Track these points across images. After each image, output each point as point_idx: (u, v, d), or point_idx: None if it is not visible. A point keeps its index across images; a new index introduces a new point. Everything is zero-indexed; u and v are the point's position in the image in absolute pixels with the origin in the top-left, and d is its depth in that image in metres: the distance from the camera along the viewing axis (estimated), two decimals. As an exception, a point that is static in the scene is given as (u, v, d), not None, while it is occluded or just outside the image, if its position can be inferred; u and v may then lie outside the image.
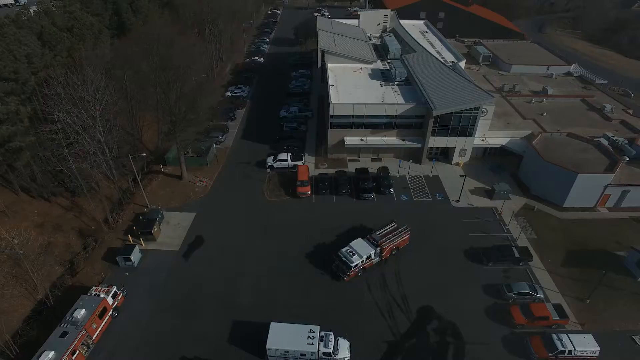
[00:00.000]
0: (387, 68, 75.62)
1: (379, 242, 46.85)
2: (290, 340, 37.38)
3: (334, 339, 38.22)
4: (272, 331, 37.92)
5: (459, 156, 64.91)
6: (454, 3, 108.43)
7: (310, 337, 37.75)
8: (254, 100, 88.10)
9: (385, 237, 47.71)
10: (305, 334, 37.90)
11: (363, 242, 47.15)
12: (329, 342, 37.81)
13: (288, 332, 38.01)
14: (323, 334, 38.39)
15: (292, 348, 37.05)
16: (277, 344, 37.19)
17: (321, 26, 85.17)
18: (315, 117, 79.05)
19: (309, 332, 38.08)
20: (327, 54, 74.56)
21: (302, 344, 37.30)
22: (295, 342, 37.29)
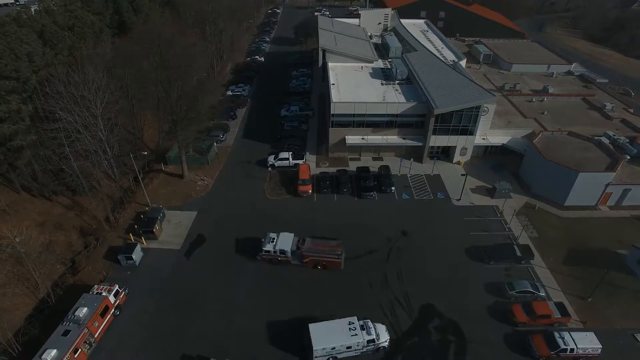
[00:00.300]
0: (388, 67, 75.62)
1: (302, 249, 46.76)
2: (334, 336, 37.53)
3: (373, 325, 38.78)
4: (313, 332, 37.79)
5: (460, 155, 64.93)
6: (455, 2, 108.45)
7: (351, 328, 38.12)
8: (254, 99, 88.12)
9: (313, 248, 46.62)
10: (346, 327, 38.23)
11: (289, 238, 47.66)
12: (370, 329, 38.29)
13: (329, 329, 38.08)
14: (362, 323, 38.80)
15: (339, 343, 37.21)
16: (323, 343, 37.09)
17: (322, 25, 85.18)
18: (316, 116, 79.07)
19: (349, 325, 38.43)
20: (328, 52, 74.56)
21: (347, 337, 37.57)
22: (340, 337, 37.52)
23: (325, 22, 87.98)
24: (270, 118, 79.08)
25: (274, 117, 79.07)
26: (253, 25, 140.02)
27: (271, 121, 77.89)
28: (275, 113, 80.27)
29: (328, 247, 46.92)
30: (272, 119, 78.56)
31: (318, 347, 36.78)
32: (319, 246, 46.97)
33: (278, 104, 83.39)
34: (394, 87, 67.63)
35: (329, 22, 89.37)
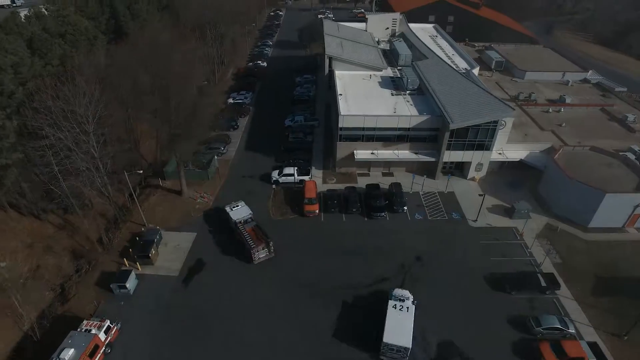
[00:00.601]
0: (398, 76, 71.98)
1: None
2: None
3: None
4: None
5: (475, 171, 61.29)
6: (464, 6, 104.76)
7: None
8: (257, 107, 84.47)
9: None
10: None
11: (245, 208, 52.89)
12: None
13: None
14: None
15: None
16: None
17: (328, 30, 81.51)
18: (322, 126, 75.41)
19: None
20: (335, 60, 70.92)
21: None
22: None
23: (331, 27, 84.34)
24: (273, 128, 75.40)
25: (278, 127, 75.41)
26: (255, 29, 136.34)
27: (274, 132, 74.22)
28: (279, 123, 76.62)
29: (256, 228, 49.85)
30: (275, 130, 74.88)
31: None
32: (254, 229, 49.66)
33: (282, 113, 79.78)
34: (404, 98, 63.95)
35: (335, 27, 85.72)
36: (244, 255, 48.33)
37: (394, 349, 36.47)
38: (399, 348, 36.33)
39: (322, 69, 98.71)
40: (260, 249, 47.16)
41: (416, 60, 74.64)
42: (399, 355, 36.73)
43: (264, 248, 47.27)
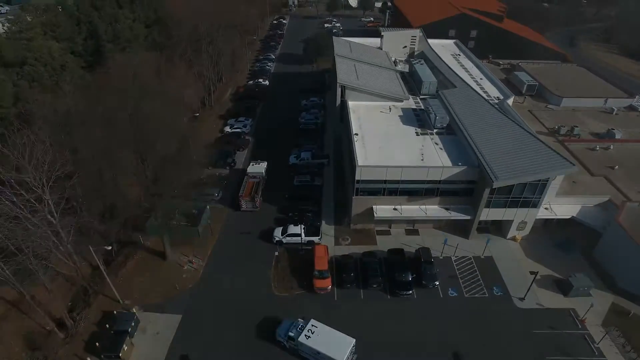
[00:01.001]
0: (421, 107, 61.96)
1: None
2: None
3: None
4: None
5: (517, 230, 51.27)
6: (487, 19, 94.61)
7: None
8: (257, 137, 74.34)
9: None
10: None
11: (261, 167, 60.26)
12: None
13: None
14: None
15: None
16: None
17: (339, 50, 71.39)
18: (332, 163, 65.34)
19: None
20: (348, 89, 60.90)
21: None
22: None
23: (342, 47, 74.19)
24: (276, 166, 65.31)
25: (281, 166, 65.33)
26: (257, 39, 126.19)
27: (277, 171, 64.13)
28: (283, 159, 66.55)
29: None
30: (278, 168, 64.80)
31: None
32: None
33: (285, 145, 69.77)
34: (432, 140, 53.88)
35: (346, 46, 75.58)
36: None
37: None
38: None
39: (331, 89, 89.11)
40: (247, 201, 55.55)
41: (441, 88, 64.78)
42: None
43: (249, 201, 55.50)
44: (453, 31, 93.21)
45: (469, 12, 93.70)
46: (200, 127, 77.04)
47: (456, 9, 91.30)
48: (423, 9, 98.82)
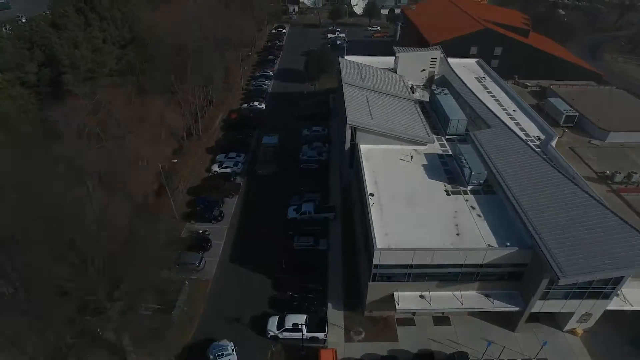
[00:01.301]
0: (449, 152, 50.96)
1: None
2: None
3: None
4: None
5: (578, 322, 40.26)
6: (512, 34, 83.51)
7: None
8: (251, 179, 63.12)
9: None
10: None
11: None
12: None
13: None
14: None
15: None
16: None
17: (347, 77, 60.25)
18: (339, 216, 54.29)
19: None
20: (361, 131, 49.87)
21: None
22: None
23: (350, 72, 63.03)
24: (271, 221, 54.31)
25: (278, 220, 54.31)
26: (254, 52, 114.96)
27: (273, 228, 53.10)
28: (279, 210, 55.60)
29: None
30: (274, 224, 53.79)
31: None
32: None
33: (284, 191, 58.83)
34: (467, 202, 42.83)
35: (355, 70, 64.43)
36: None
37: None
38: None
39: (337, 115, 78.15)
40: (264, 166, 61.56)
41: (470, 125, 53.94)
42: None
43: (267, 166, 61.35)
44: (475, 48, 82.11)
45: (493, 26, 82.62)
46: (185, 163, 66.18)
47: (479, 24, 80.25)
48: (440, 23, 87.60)
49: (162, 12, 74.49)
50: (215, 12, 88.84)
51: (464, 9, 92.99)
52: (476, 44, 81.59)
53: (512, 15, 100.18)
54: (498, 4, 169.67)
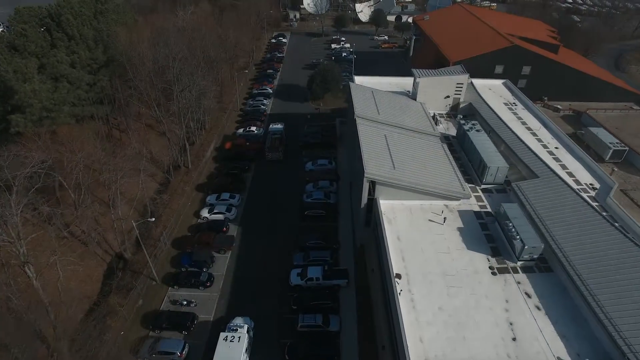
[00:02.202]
0: (488, 209, 41.67)
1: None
2: None
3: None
4: None
5: None
6: (541, 51, 74.23)
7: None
8: (245, 229, 53.55)
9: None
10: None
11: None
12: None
13: None
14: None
15: None
16: None
17: (361, 109, 50.73)
18: (352, 281, 44.92)
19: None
20: (381, 185, 40.51)
21: None
22: None
23: (363, 101, 53.54)
24: (271, 288, 44.89)
25: (279, 286, 44.85)
26: (251, 63, 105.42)
27: (272, 298, 43.70)
28: (281, 271, 46.25)
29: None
30: (274, 292, 44.37)
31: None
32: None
33: (284, 246, 49.52)
34: (520, 287, 33.57)
35: (369, 99, 54.97)
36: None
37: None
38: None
39: (343, 140, 69.11)
40: (273, 152, 66.04)
41: (515, 179, 44.62)
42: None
43: (275, 152, 66.00)
44: (500, 67, 72.83)
45: (521, 42, 73.32)
46: (170, 204, 56.82)
47: (506, 40, 70.94)
48: (459, 37, 78.16)
49: (144, 29, 65.41)
50: (207, 24, 79.65)
51: (485, 20, 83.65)
52: (502, 63, 72.26)
53: (537, 28, 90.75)
54: (507, 11, 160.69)
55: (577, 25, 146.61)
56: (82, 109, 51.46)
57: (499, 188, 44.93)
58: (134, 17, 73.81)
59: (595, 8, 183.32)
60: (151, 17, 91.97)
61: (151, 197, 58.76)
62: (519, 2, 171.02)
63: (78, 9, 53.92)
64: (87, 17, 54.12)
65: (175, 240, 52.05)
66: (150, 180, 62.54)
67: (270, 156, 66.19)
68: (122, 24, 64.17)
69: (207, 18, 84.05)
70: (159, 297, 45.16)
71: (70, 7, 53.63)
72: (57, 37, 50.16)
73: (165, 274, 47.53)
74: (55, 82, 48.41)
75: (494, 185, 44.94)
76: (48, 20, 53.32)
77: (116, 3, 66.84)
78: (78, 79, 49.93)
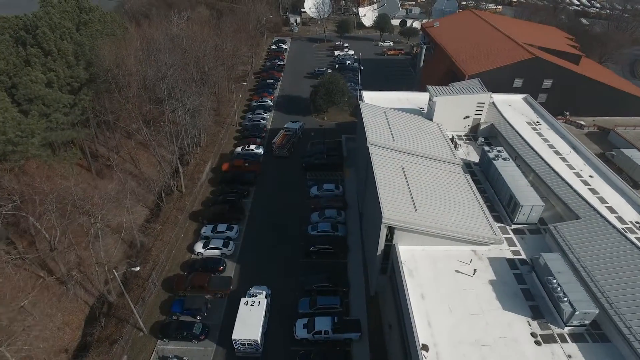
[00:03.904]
0: (522, 256, 36.27)
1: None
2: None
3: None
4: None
5: None
6: (563, 62, 68.85)
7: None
8: (243, 268, 47.95)
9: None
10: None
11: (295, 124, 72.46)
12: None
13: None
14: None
15: None
16: None
17: (373, 134, 45.20)
18: (365, 333, 39.51)
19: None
20: (400, 230, 35.07)
21: None
22: None
23: (376, 126, 47.96)
24: (273, 343, 39.52)
25: (281, 341, 39.52)
26: (251, 72, 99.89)
27: (277, 354, 38.38)
28: (285, 323, 40.88)
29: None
30: (277, 347, 39.03)
31: None
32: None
33: (288, 287, 44.11)
34: None
35: (383, 122, 49.44)
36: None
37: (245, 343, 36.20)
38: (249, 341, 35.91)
39: (350, 159, 63.80)
40: (280, 148, 66.32)
41: (551, 220, 39.26)
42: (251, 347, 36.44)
43: (282, 149, 66.24)
44: (520, 81, 67.42)
45: (541, 53, 67.83)
46: (161, 235, 51.43)
47: (527, 52, 65.45)
48: (474, 47, 72.59)
49: (134, 39, 59.87)
50: (203, 32, 74.14)
51: (500, 28, 78.17)
52: (522, 76, 66.76)
53: (555, 36, 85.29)
54: (515, 15, 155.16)
55: (588, 29, 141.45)
56: (60, 134, 45.91)
57: (532, 228, 39.55)
58: (123, 26, 68.27)
59: (604, 11, 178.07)
60: (144, 24, 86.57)
61: (140, 226, 53.57)
62: (528, 6, 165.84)
63: (57, 21, 48.28)
64: (68, 30, 48.46)
65: (166, 280, 46.60)
66: (139, 206, 57.26)
67: (277, 152, 66.63)
68: (109, 34, 58.71)
69: (202, 26, 78.26)
70: (147, 351, 39.74)
71: (49, 18, 48.00)
72: (32, 53, 44.53)
73: (155, 322, 42.12)
74: (29, 105, 42.85)
75: (526, 225, 39.55)
76: (23, 33, 47.87)
77: (103, 12, 61.25)
78: (55, 100, 44.32)
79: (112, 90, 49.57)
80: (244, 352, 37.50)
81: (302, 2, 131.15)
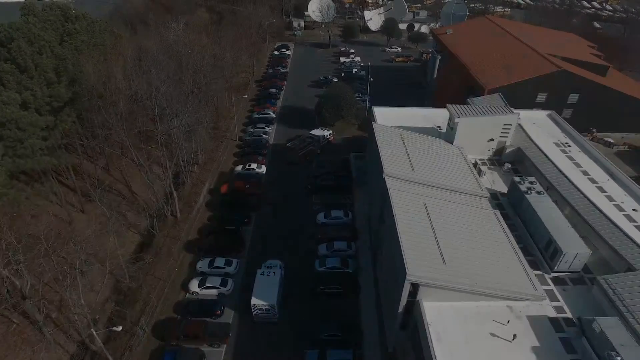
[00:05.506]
0: (567, 313, 31.19)
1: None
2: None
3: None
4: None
5: None
6: (589, 74, 63.59)
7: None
8: (244, 311, 42.53)
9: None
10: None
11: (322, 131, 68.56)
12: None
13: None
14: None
15: None
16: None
17: (390, 165, 40.10)
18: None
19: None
20: (425, 286, 30.00)
21: None
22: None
23: (393, 154, 42.76)
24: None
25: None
26: (252, 81, 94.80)
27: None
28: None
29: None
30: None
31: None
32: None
33: (295, 340, 39.08)
34: None
35: (400, 148, 44.25)
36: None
37: (263, 309, 38.74)
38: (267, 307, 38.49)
39: (360, 180, 58.83)
40: (292, 154, 64.64)
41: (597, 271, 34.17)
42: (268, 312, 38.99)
43: (294, 155, 64.41)
44: (543, 95, 62.35)
45: (566, 65, 62.61)
46: (153, 270, 46.60)
47: (553, 64, 60.32)
48: (493, 59, 67.30)
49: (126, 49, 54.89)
50: (201, 40, 69.15)
51: (518, 37, 72.97)
52: (546, 90, 61.59)
53: (577, 44, 79.98)
54: (524, 18, 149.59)
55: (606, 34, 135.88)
56: (38, 160, 40.93)
57: (575, 276, 34.47)
58: (115, 35, 63.24)
59: (618, 14, 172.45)
60: (140, 31, 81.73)
61: (130, 256, 48.62)
62: (538, 9, 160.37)
63: (37, 32, 43.25)
64: (48, 43, 43.42)
65: (158, 324, 41.59)
66: (130, 234, 52.41)
67: (290, 156, 64.72)
68: (97, 45, 53.71)
69: (200, 33, 73.27)
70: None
71: (27, 29, 43.00)
72: (5, 70, 39.52)
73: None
74: (1, 129, 37.89)
75: (568, 273, 34.46)
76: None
77: (91, 20, 56.15)
78: (31, 123, 39.33)
79: (98, 109, 44.56)
80: (262, 318, 39.69)
81: (306, 5, 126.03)
